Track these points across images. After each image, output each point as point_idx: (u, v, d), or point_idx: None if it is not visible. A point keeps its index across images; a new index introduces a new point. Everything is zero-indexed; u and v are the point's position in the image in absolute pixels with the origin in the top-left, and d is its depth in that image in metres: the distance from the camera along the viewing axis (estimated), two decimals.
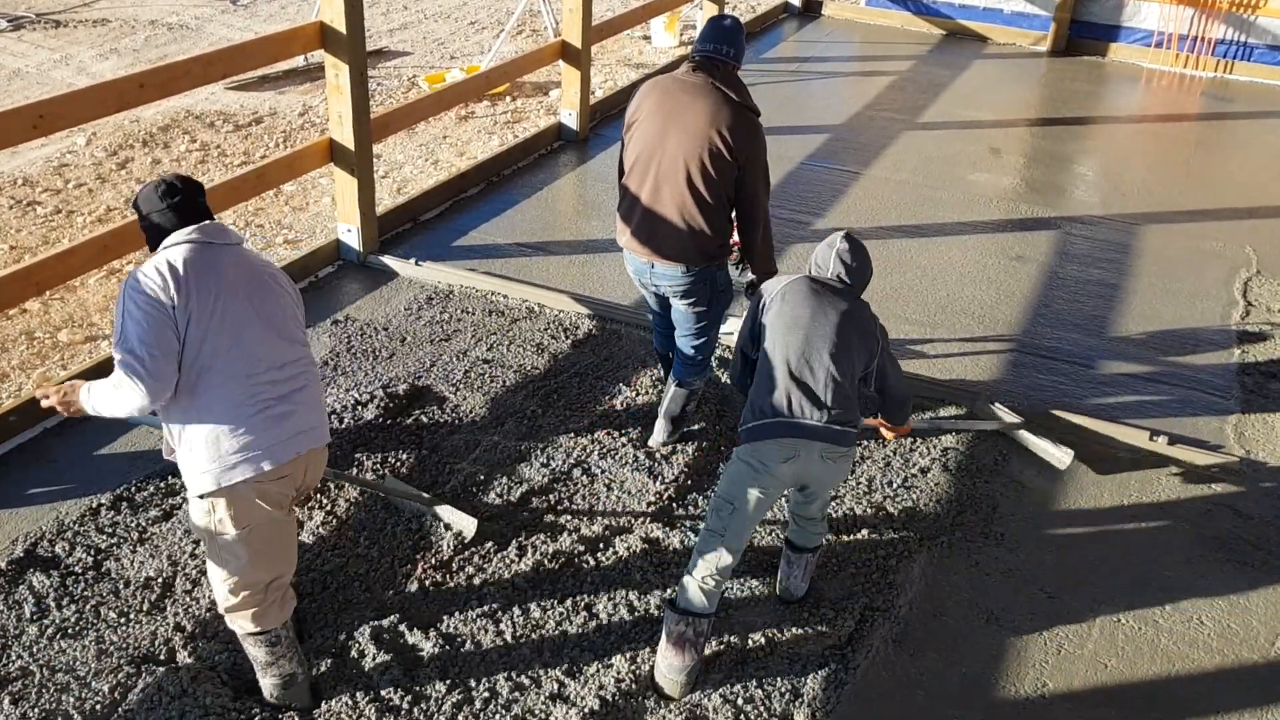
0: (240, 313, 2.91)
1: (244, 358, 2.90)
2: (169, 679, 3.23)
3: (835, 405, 3.28)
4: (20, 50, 9.77)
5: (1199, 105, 9.25)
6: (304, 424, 3.00)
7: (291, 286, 3.15)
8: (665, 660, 3.29)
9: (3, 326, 5.38)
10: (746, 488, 3.28)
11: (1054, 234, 6.52)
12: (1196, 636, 3.67)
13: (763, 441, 3.28)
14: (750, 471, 3.29)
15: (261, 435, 2.90)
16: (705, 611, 3.29)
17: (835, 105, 8.66)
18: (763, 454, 3.28)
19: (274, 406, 2.94)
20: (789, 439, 3.26)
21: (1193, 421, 4.77)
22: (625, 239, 4.07)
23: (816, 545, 3.64)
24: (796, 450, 3.26)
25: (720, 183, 3.85)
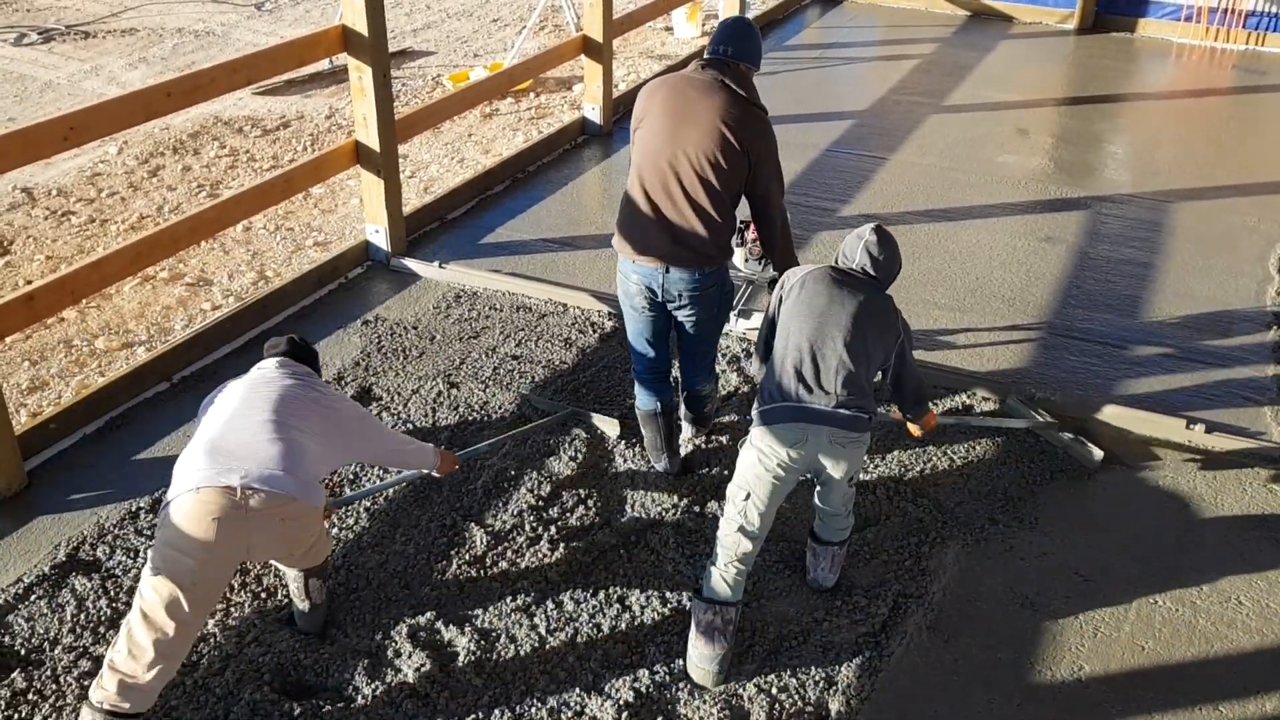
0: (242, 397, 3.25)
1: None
2: (214, 680, 3.28)
3: (845, 390, 3.28)
4: (51, 62, 9.91)
5: (1230, 79, 9.12)
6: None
7: (341, 408, 3.40)
8: (696, 650, 3.30)
9: (41, 335, 5.47)
10: (758, 473, 3.31)
11: (1084, 214, 6.46)
12: (1235, 617, 3.63)
13: (771, 425, 3.30)
14: (760, 456, 3.31)
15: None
16: (731, 600, 3.29)
17: (860, 90, 8.61)
18: (771, 438, 3.30)
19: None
20: (796, 423, 3.28)
21: (1229, 405, 4.71)
22: (630, 248, 3.89)
23: (841, 539, 3.63)
24: (805, 434, 3.28)
25: (732, 180, 3.77)
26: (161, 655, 2.96)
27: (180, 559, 2.96)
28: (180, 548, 2.96)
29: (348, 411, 3.41)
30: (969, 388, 4.74)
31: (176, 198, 7.09)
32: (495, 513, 4.00)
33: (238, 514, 2.98)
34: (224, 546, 2.98)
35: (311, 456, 3.17)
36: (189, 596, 2.96)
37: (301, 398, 3.28)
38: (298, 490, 3.06)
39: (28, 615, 3.51)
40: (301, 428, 3.19)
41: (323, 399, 3.34)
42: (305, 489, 3.10)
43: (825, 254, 5.87)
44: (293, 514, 3.08)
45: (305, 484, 3.11)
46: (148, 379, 4.68)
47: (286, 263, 6.25)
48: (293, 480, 3.06)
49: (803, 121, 7.79)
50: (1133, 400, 4.69)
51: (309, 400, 3.29)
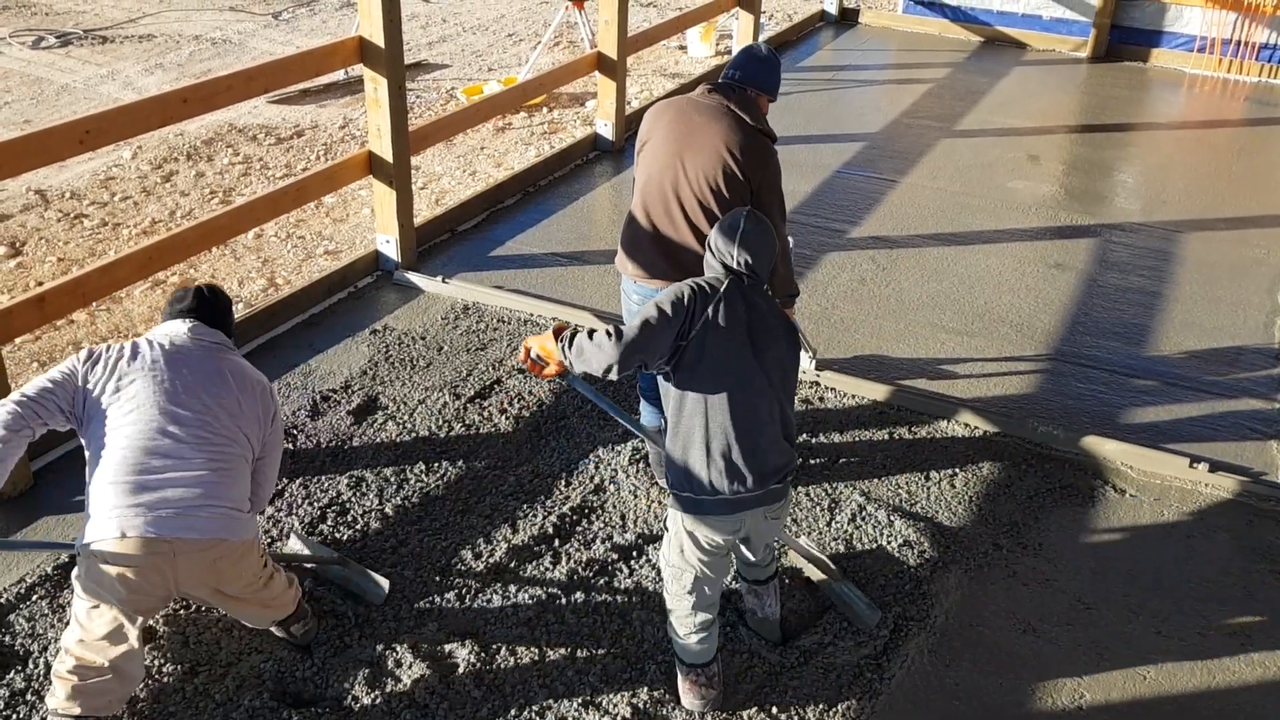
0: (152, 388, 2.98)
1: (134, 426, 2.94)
2: (214, 686, 3.28)
3: (778, 467, 3.08)
4: (68, 66, 9.98)
5: (1242, 110, 9.14)
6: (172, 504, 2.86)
7: (259, 395, 3.15)
8: (687, 697, 3.27)
9: (51, 337, 5.49)
10: (700, 555, 3.12)
11: (1093, 241, 6.46)
12: (1239, 649, 3.62)
13: (707, 516, 3.07)
14: (697, 542, 3.11)
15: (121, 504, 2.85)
16: (708, 660, 3.24)
17: (872, 113, 8.63)
18: (708, 527, 3.09)
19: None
20: (734, 515, 3.07)
21: (1235, 438, 4.70)
22: (632, 267, 3.91)
23: (775, 572, 3.51)
24: (741, 521, 3.10)
25: (733, 204, 3.74)
26: (109, 669, 2.90)
27: (110, 598, 2.86)
28: (110, 591, 2.84)
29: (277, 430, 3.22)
30: (967, 414, 4.74)
31: (189, 203, 7.13)
32: (497, 527, 4.00)
33: (166, 563, 2.84)
34: (152, 588, 2.88)
35: (238, 480, 2.99)
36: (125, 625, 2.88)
37: (222, 399, 3.03)
38: (228, 531, 2.91)
39: (29, 615, 3.51)
40: (225, 442, 2.98)
41: (244, 395, 3.10)
42: (234, 527, 2.93)
43: (833, 274, 5.88)
44: (225, 553, 2.93)
45: (234, 520, 2.94)
46: None
47: (296, 270, 6.27)
48: (222, 520, 2.89)
49: (814, 142, 7.81)
50: (1137, 434, 4.68)
51: (230, 401, 3.04)
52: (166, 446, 2.90)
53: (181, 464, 2.89)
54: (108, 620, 2.88)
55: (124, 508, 2.82)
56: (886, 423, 4.68)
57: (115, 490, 2.84)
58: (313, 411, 4.59)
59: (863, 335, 5.35)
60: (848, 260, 6.10)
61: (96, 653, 2.90)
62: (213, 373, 3.07)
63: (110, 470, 2.88)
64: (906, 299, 5.72)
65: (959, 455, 4.48)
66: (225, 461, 2.97)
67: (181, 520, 2.84)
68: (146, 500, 2.82)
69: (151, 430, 2.92)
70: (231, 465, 2.99)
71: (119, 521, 2.81)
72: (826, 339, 5.29)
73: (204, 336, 3.15)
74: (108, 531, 2.82)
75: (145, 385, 2.97)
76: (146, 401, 2.94)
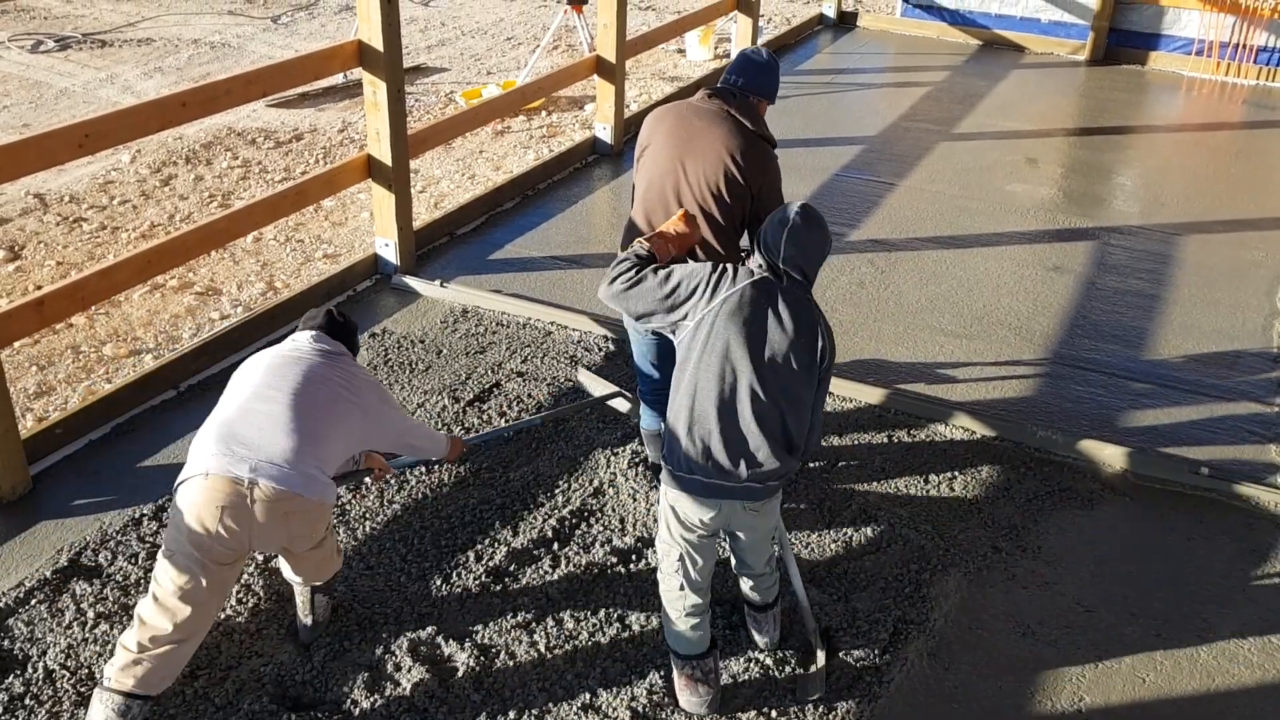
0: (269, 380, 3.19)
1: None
2: (214, 690, 3.28)
3: (758, 464, 3.05)
4: (67, 70, 9.99)
5: (1240, 113, 9.15)
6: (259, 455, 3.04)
7: (359, 395, 3.28)
8: (683, 696, 3.27)
9: (50, 341, 5.49)
10: (682, 531, 3.15)
11: (1092, 244, 6.47)
12: (1238, 652, 3.62)
13: (682, 494, 3.10)
14: (679, 517, 3.14)
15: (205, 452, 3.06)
16: (701, 652, 3.24)
17: (870, 116, 8.64)
18: (683, 505, 3.12)
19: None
20: (711, 499, 3.09)
21: (1234, 440, 4.70)
22: None
23: (776, 598, 3.48)
24: (718, 506, 3.10)
25: (734, 210, 3.77)
26: (176, 637, 3.02)
27: (187, 545, 3.00)
28: (187, 533, 3.00)
29: (371, 403, 3.32)
30: (966, 418, 4.74)
31: (188, 207, 7.13)
32: (497, 530, 4.00)
33: (242, 504, 2.99)
34: (228, 534, 3.00)
35: (326, 448, 3.14)
36: (199, 580, 3.01)
37: (327, 384, 3.21)
38: (304, 488, 3.05)
39: (27, 619, 3.51)
40: (321, 417, 3.14)
41: (348, 388, 3.25)
42: (312, 485, 3.07)
43: (832, 278, 5.89)
44: (297, 509, 3.06)
45: (313, 480, 3.07)
46: (155, 386, 4.69)
47: (296, 274, 6.27)
48: (300, 476, 3.04)
49: (813, 146, 7.82)
50: (1135, 437, 4.68)
51: (334, 387, 3.22)
52: (262, 413, 3.10)
53: (273, 426, 3.07)
54: (181, 571, 3.01)
55: (215, 454, 3.02)
56: (885, 425, 4.68)
57: (213, 440, 3.06)
58: None
59: (861, 338, 5.35)
60: (846, 263, 6.11)
61: (164, 614, 3.01)
62: (320, 371, 3.24)
63: (212, 427, 3.11)
64: (905, 302, 5.72)
65: (958, 458, 4.49)
66: (313, 431, 3.12)
67: (266, 468, 3.01)
68: (238, 451, 3.02)
69: (252, 396, 3.14)
70: (319, 433, 3.13)
71: (207, 463, 3.01)
72: None
73: (323, 344, 3.37)
74: (195, 469, 3.02)
75: (259, 371, 3.22)
76: (258, 380, 3.19)
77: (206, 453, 3.03)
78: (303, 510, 3.08)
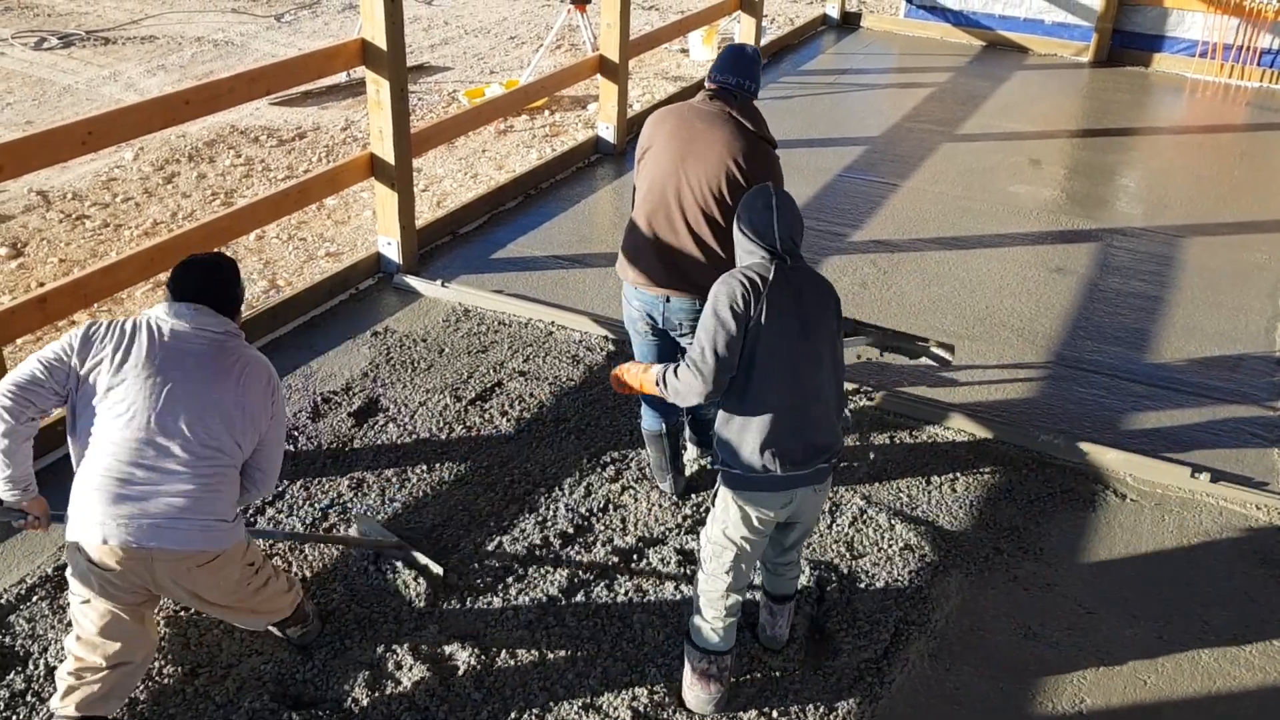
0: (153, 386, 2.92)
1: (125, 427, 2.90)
2: (214, 688, 3.28)
3: (827, 446, 3.11)
4: (70, 67, 9.99)
5: (1244, 116, 9.14)
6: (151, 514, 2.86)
7: (263, 388, 3.06)
8: (693, 692, 3.27)
9: (53, 338, 5.50)
10: (745, 533, 3.14)
11: (1095, 246, 6.46)
12: (1239, 654, 3.61)
13: (758, 493, 3.10)
14: (747, 518, 3.13)
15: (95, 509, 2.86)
16: (725, 649, 3.24)
17: (873, 117, 8.64)
18: (758, 503, 3.11)
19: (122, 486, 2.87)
20: (785, 491, 3.10)
21: (1236, 443, 4.69)
22: (633, 274, 3.90)
23: (796, 590, 3.50)
24: (793, 497, 3.13)
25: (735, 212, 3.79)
26: (113, 664, 2.95)
27: (97, 596, 2.91)
28: (96, 587, 2.90)
29: (277, 422, 3.14)
30: (968, 419, 4.74)
31: (191, 205, 7.13)
32: (498, 530, 4.00)
33: (142, 567, 2.87)
34: (133, 590, 2.93)
35: (224, 487, 2.98)
36: (119, 616, 2.94)
37: (229, 400, 2.97)
38: (204, 542, 2.90)
39: (29, 616, 3.51)
40: (221, 450, 2.96)
41: (251, 402, 3.01)
42: (212, 537, 2.92)
43: (835, 278, 5.88)
44: (200, 562, 2.93)
45: (212, 530, 2.93)
46: None
47: (298, 272, 6.28)
48: (198, 530, 2.89)
49: (815, 146, 7.82)
50: (1137, 439, 4.68)
51: (237, 407, 2.98)
52: (152, 458, 2.89)
53: (165, 477, 2.89)
54: (100, 614, 2.94)
55: (106, 516, 2.85)
56: (887, 426, 4.68)
57: (99, 496, 2.86)
58: (314, 413, 4.59)
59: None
60: (849, 264, 6.11)
61: (92, 650, 2.95)
62: (211, 373, 2.97)
63: (96, 475, 2.88)
64: (907, 303, 5.72)
65: (960, 459, 4.48)
66: (210, 474, 2.95)
67: (160, 532, 2.85)
68: (127, 511, 2.84)
69: (139, 440, 2.89)
70: (216, 477, 2.96)
71: (100, 529, 2.84)
72: None
73: (208, 326, 3.02)
74: (91, 537, 2.85)
75: (139, 387, 2.91)
76: (138, 406, 2.90)
77: (97, 512, 2.84)
78: (207, 563, 2.94)
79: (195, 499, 2.90)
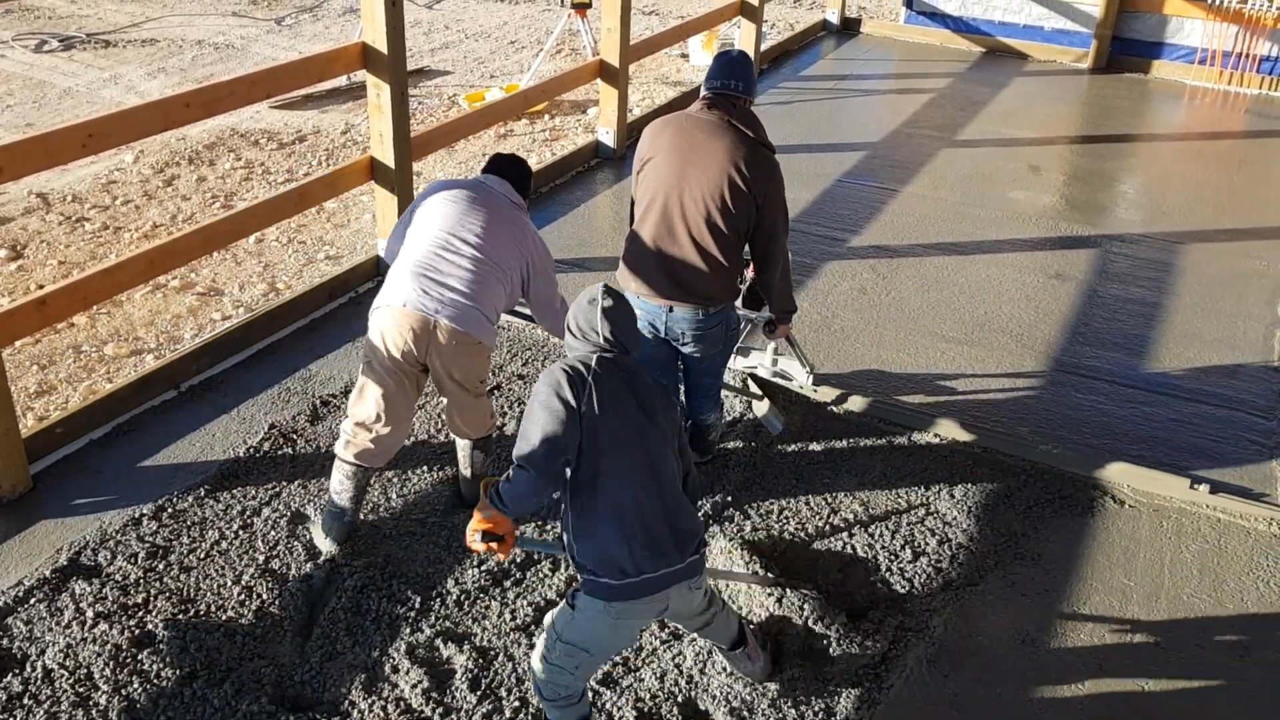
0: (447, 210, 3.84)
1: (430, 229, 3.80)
2: (212, 691, 3.28)
3: (693, 532, 2.94)
4: (71, 70, 10.00)
5: (1243, 122, 9.15)
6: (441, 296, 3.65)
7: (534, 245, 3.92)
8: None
9: (51, 340, 5.49)
10: (607, 639, 2.96)
11: (1094, 252, 6.47)
12: (1239, 662, 3.61)
13: (632, 602, 2.87)
14: (619, 629, 2.93)
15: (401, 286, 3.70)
16: (584, 715, 3.11)
17: (873, 123, 8.65)
18: (633, 613, 2.91)
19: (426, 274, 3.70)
20: (661, 593, 2.89)
21: (1235, 449, 4.70)
22: (635, 285, 3.90)
23: (740, 633, 3.29)
24: (667, 598, 2.92)
25: (738, 221, 3.76)
26: (379, 422, 3.73)
27: (382, 355, 3.68)
28: (381, 348, 3.67)
29: (541, 265, 3.91)
30: (965, 426, 4.74)
31: (190, 208, 7.14)
32: None
33: (425, 333, 3.64)
34: (410, 351, 3.65)
35: (498, 297, 3.75)
36: (389, 379, 3.70)
37: (509, 237, 3.79)
38: (477, 330, 3.68)
39: (26, 619, 3.51)
40: (498, 266, 3.74)
41: (525, 245, 3.83)
42: (478, 325, 3.69)
43: (834, 283, 5.89)
44: (463, 340, 3.67)
45: (479, 320, 3.69)
46: (156, 386, 4.69)
47: (298, 275, 6.28)
48: (476, 318, 3.67)
49: (815, 151, 7.83)
50: (1135, 446, 4.68)
51: (514, 243, 3.80)
52: (454, 253, 3.72)
53: (462, 271, 3.70)
54: (376, 374, 3.71)
55: (412, 289, 3.67)
56: (885, 434, 4.68)
57: (411, 275, 3.70)
58: (313, 416, 4.59)
59: (862, 344, 5.35)
60: (848, 269, 6.11)
61: (370, 405, 3.73)
62: (507, 218, 3.85)
63: (411, 260, 3.74)
64: (907, 308, 5.72)
65: (958, 466, 4.48)
66: (489, 280, 3.73)
67: (447, 309, 3.64)
68: (429, 288, 3.66)
69: (448, 239, 3.74)
70: (492, 284, 3.74)
71: (404, 295, 3.66)
72: (826, 347, 5.29)
73: (509, 194, 3.94)
74: (395, 300, 3.67)
75: (456, 208, 3.81)
76: (453, 219, 3.78)
77: (402, 287, 3.67)
78: (467, 343, 3.68)
79: (476, 292, 3.69)
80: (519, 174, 4.04)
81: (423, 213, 3.86)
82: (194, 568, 3.76)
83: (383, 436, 3.76)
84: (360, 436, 3.76)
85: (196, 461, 4.29)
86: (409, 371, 3.73)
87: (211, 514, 4.01)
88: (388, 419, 3.74)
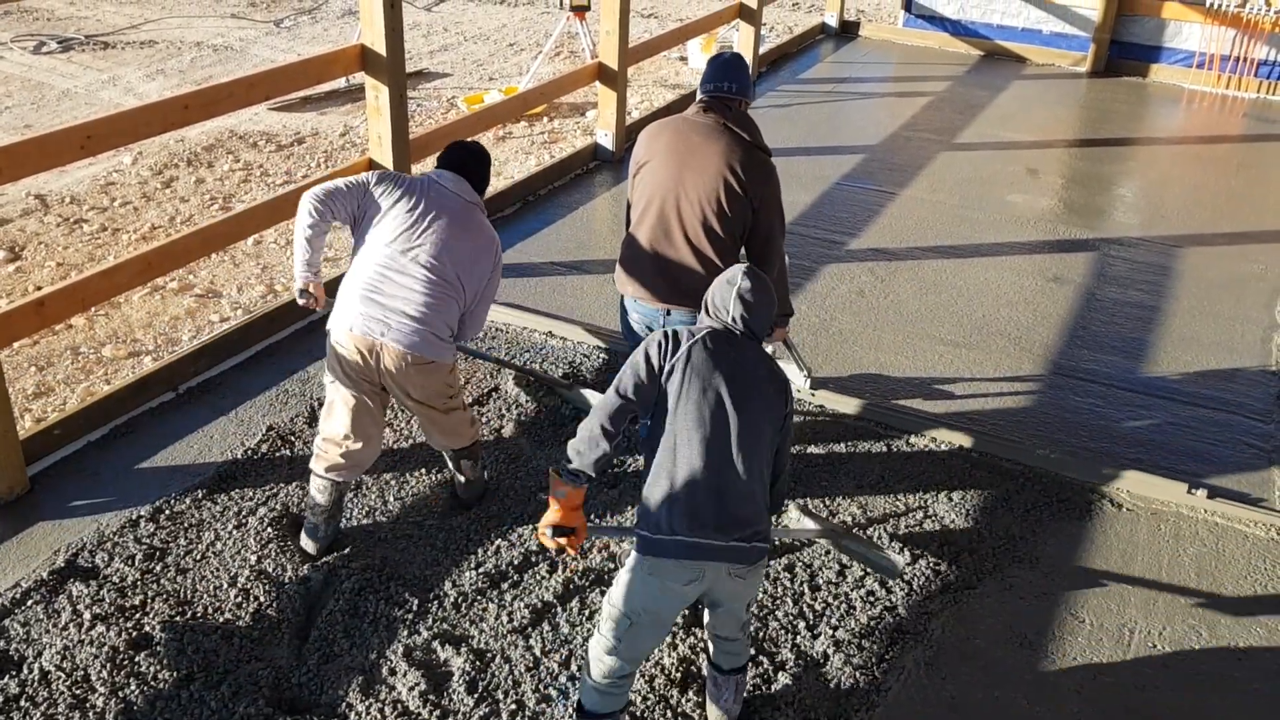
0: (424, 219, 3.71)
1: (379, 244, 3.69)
2: (209, 693, 3.27)
3: (745, 520, 2.92)
4: (70, 71, 10.00)
5: (1240, 126, 9.17)
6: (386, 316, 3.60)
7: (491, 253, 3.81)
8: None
9: (49, 342, 5.49)
10: (646, 605, 2.96)
11: (1092, 256, 6.48)
12: (1237, 665, 3.61)
13: (661, 559, 2.91)
14: (650, 588, 2.94)
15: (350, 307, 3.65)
16: (601, 711, 3.09)
17: (871, 126, 8.66)
18: (663, 572, 2.92)
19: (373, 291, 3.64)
20: (691, 561, 2.90)
21: (1232, 458, 4.69)
22: (633, 289, 3.91)
23: (743, 665, 3.23)
24: (701, 571, 2.91)
25: (735, 224, 3.77)
26: (349, 437, 3.72)
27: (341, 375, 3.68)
28: (339, 368, 3.67)
29: (494, 282, 3.85)
30: (963, 431, 4.74)
31: (189, 209, 7.13)
32: (495, 533, 3.99)
33: (373, 355, 3.61)
34: (364, 375, 3.65)
35: (450, 314, 3.69)
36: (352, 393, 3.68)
37: (463, 254, 3.70)
38: (421, 348, 3.62)
39: (23, 620, 3.51)
40: (450, 283, 3.67)
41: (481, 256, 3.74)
42: (429, 346, 3.63)
43: (832, 286, 5.90)
44: (414, 362, 3.62)
45: (430, 341, 3.63)
46: (154, 388, 4.69)
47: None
48: (424, 338, 3.61)
49: (813, 154, 7.83)
50: (1133, 449, 4.68)
51: (469, 260, 3.71)
52: (402, 273, 3.64)
53: (409, 292, 3.62)
54: (344, 397, 3.71)
55: (358, 311, 3.62)
56: (883, 437, 4.68)
57: (358, 299, 3.64)
58: (311, 418, 4.59)
59: (860, 347, 5.36)
60: (846, 272, 6.11)
61: (338, 422, 3.73)
62: (460, 227, 3.73)
63: (359, 280, 3.67)
64: (905, 311, 5.73)
65: (955, 469, 4.48)
66: (439, 298, 3.65)
67: (393, 332, 3.59)
68: (375, 311, 3.61)
69: (396, 257, 3.65)
70: (443, 301, 3.67)
71: (350, 320, 3.63)
72: (825, 350, 5.29)
73: (463, 193, 3.80)
74: (342, 323, 3.65)
75: (403, 220, 3.69)
76: (403, 235, 3.67)
77: (354, 309, 3.62)
78: (420, 365, 3.63)
79: (424, 313, 3.62)
80: (476, 165, 3.90)
81: (374, 230, 3.71)
82: (191, 570, 3.76)
83: (353, 452, 3.75)
84: (331, 451, 3.75)
85: (194, 463, 4.29)
86: (370, 391, 3.71)
87: (209, 516, 4.01)
88: (356, 436, 3.73)
